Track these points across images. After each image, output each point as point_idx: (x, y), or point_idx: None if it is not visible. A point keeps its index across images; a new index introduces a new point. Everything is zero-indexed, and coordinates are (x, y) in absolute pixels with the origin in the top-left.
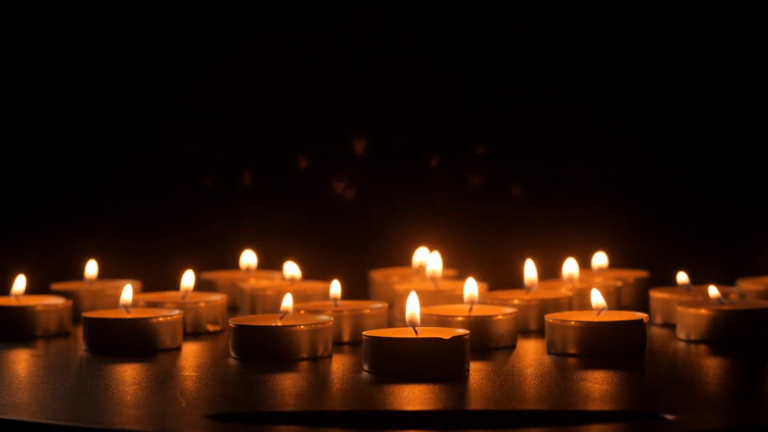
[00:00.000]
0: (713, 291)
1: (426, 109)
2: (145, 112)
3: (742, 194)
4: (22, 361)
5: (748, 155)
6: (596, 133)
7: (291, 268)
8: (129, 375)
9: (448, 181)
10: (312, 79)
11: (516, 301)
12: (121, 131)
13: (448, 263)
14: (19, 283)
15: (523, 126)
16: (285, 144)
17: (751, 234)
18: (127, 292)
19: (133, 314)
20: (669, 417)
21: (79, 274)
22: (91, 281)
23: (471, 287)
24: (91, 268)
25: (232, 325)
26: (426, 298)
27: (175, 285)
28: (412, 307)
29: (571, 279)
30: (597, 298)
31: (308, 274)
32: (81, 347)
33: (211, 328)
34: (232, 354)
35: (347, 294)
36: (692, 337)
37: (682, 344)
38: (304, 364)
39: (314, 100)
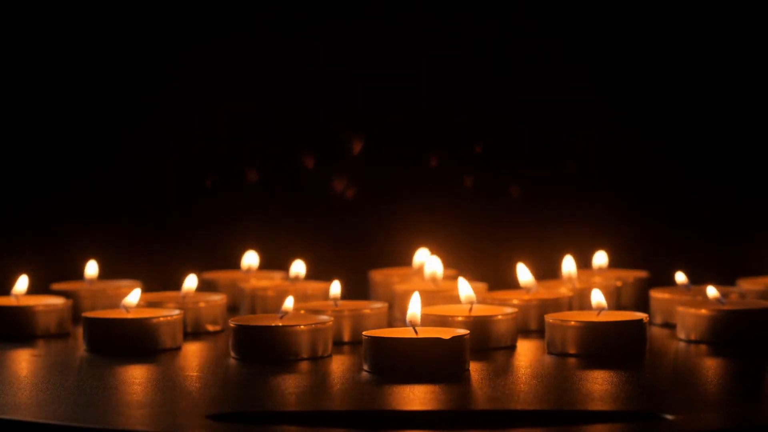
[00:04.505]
0: (712, 291)
1: (425, 108)
2: (145, 112)
3: (742, 193)
4: (22, 361)
5: (748, 154)
6: (596, 132)
7: (298, 267)
8: (129, 375)
9: (448, 180)
10: (312, 79)
11: (516, 301)
12: (121, 131)
13: (447, 263)
14: (22, 283)
15: (522, 125)
16: (286, 144)
17: (752, 233)
18: (135, 296)
19: (133, 314)
20: (669, 417)
21: (79, 274)
22: (91, 281)
23: (465, 288)
24: (91, 268)
25: (232, 325)
26: (426, 298)
27: (175, 285)
28: (414, 308)
29: (570, 279)
30: (598, 297)
31: (308, 274)
32: (81, 347)
33: (211, 328)
34: (232, 354)
35: (347, 294)
36: (692, 337)
37: (682, 344)
38: (304, 364)
39: (314, 100)
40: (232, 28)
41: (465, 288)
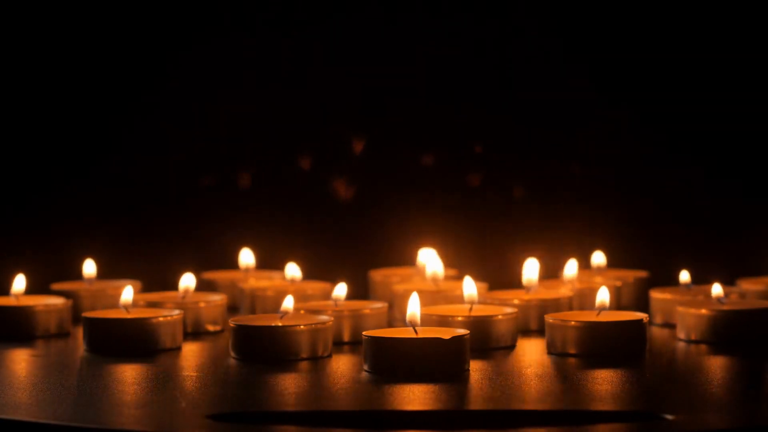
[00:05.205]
0: (717, 289)
1: (426, 108)
2: (145, 112)
3: (743, 193)
4: (22, 361)
5: (748, 154)
6: (596, 132)
7: (292, 269)
8: (129, 375)
9: (448, 180)
10: (312, 79)
11: (516, 301)
12: (120, 131)
13: (448, 263)
14: (19, 282)
15: (522, 125)
16: (285, 144)
17: (752, 233)
18: (128, 293)
19: (133, 314)
20: (669, 417)
21: (79, 274)
22: (91, 281)
23: (470, 287)
24: (89, 267)
25: (232, 325)
26: (426, 298)
27: (175, 285)
28: (413, 308)
29: (571, 279)
30: (603, 295)
31: (308, 274)
32: (81, 347)
33: (211, 328)
34: (232, 354)
35: (347, 294)
36: (692, 337)
37: (682, 344)
38: (304, 364)
39: (314, 100)
40: (232, 28)
41: (469, 287)
